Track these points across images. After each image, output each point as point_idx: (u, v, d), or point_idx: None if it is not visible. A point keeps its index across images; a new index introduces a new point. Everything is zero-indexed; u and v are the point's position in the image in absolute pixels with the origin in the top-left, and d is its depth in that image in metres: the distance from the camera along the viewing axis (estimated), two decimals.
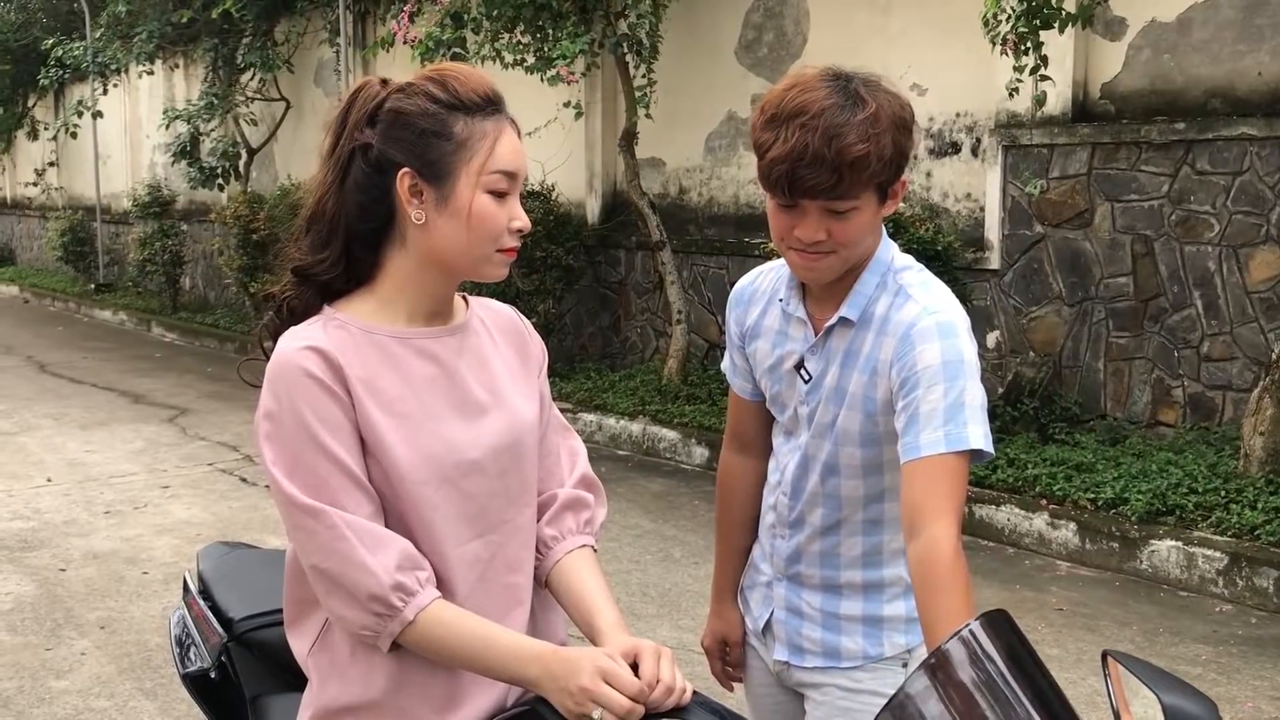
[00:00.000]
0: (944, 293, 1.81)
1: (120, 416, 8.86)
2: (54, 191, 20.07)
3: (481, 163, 1.54)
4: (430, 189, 1.54)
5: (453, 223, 1.55)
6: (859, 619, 1.91)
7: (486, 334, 1.70)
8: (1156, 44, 6.41)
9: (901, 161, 1.73)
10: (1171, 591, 5.07)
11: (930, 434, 1.66)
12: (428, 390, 1.58)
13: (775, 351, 1.93)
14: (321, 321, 1.57)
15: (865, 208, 1.73)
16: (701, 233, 8.98)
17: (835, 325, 1.83)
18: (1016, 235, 6.88)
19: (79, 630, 4.59)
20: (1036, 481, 5.78)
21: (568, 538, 1.70)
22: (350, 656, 1.56)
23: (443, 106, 1.54)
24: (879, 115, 1.68)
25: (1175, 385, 6.30)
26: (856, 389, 1.81)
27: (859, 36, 7.64)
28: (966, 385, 1.69)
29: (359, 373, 1.53)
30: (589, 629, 1.60)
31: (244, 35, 13.01)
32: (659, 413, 7.73)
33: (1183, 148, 6.17)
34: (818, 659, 1.93)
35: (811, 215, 1.72)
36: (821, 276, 1.81)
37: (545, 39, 7.95)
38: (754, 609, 2.05)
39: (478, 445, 1.59)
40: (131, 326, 14.52)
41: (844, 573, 1.91)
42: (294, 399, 1.49)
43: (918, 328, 1.74)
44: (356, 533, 1.48)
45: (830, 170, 1.66)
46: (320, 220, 1.59)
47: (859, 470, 1.85)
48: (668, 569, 5.34)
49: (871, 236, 1.80)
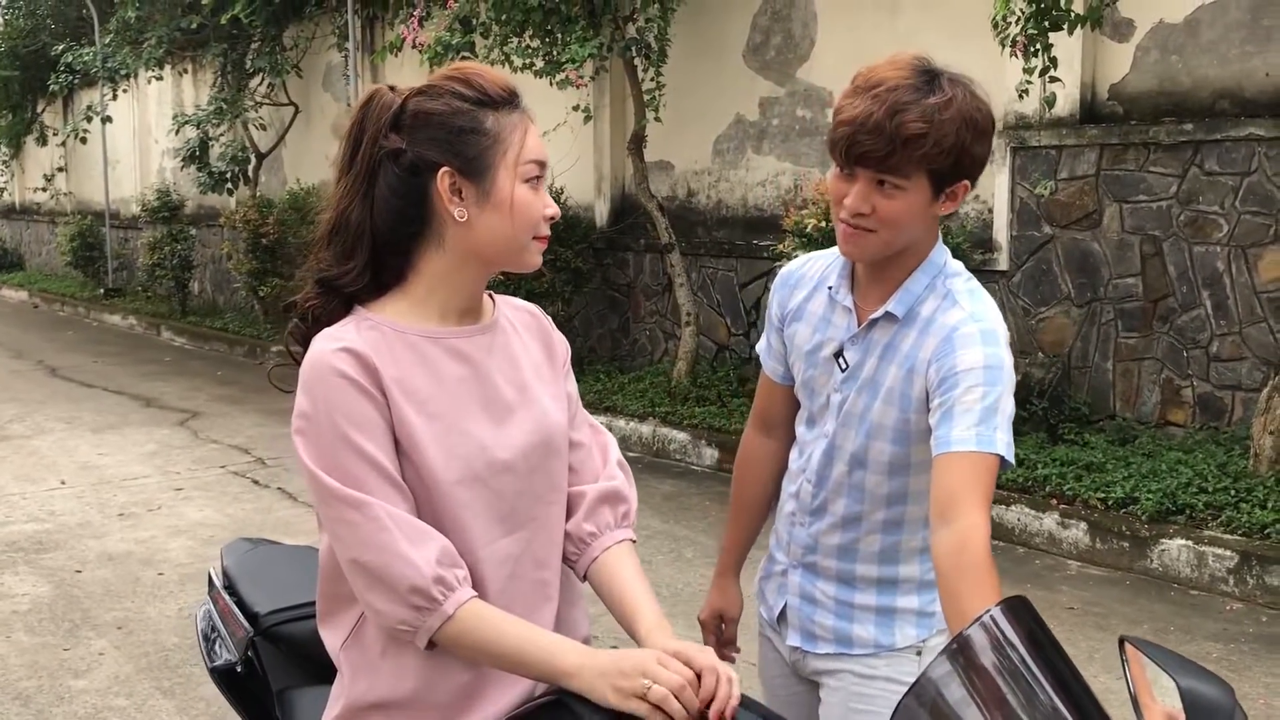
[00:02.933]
0: (990, 303, 1.85)
1: (132, 420, 8.91)
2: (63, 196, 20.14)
3: (516, 154, 1.57)
4: (470, 185, 1.56)
5: (495, 215, 1.57)
6: (872, 609, 1.94)
7: (514, 332, 1.72)
8: (1164, 45, 6.43)
9: (964, 159, 1.75)
10: (1182, 590, 5.09)
11: (963, 430, 1.69)
12: (459, 390, 1.60)
13: (815, 337, 1.95)
14: (354, 322, 1.58)
15: (914, 192, 1.75)
16: (710, 235, 9.01)
17: (880, 319, 1.86)
18: (1025, 236, 6.89)
19: (96, 630, 4.63)
20: (1047, 481, 5.80)
21: (605, 533, 1.71)
22: (382, 654, 1.57)
23: (472, 104, 1.57)
24: (949, 105, 1.72)
25: (1184, 385, 6.31)
26: (892, 383, 1.84)
27: (867, 38, 7.66)
28: (1003, 393, 1.72)
29: (392, 373, 1.54)
30: (631, 628, 1.61)
31: (253, 40, 13.07)
32: (669, 414, 7.76)
33: (1191, 148, 6.19)
34: (830, 645, 1.96)
35: (861, 185, 1.76)
36: (862, 254, 1.83)
37: (554, 43, 7.99)
38: (769, 599, 2.08)
39: (507, 446, 1.60)
40: (141, 331, 14.57)
41: (860, 566, 1.94)
42: (329, 400, 1.51)
43: (960, 332, 1.78)
44: (399, 525, 1.49)
45: (886, 140, 1.70)
46: (345, 230, 1.59)
47: (885, 467, 1.88)
48: (679, 569, 5.36)
49: (920, 229, 1.81)
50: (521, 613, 1.58)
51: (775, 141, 8.57)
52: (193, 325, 13.73)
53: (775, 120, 8.56)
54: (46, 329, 15.06)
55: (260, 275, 12.54)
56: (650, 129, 8.41)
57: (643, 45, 7.99)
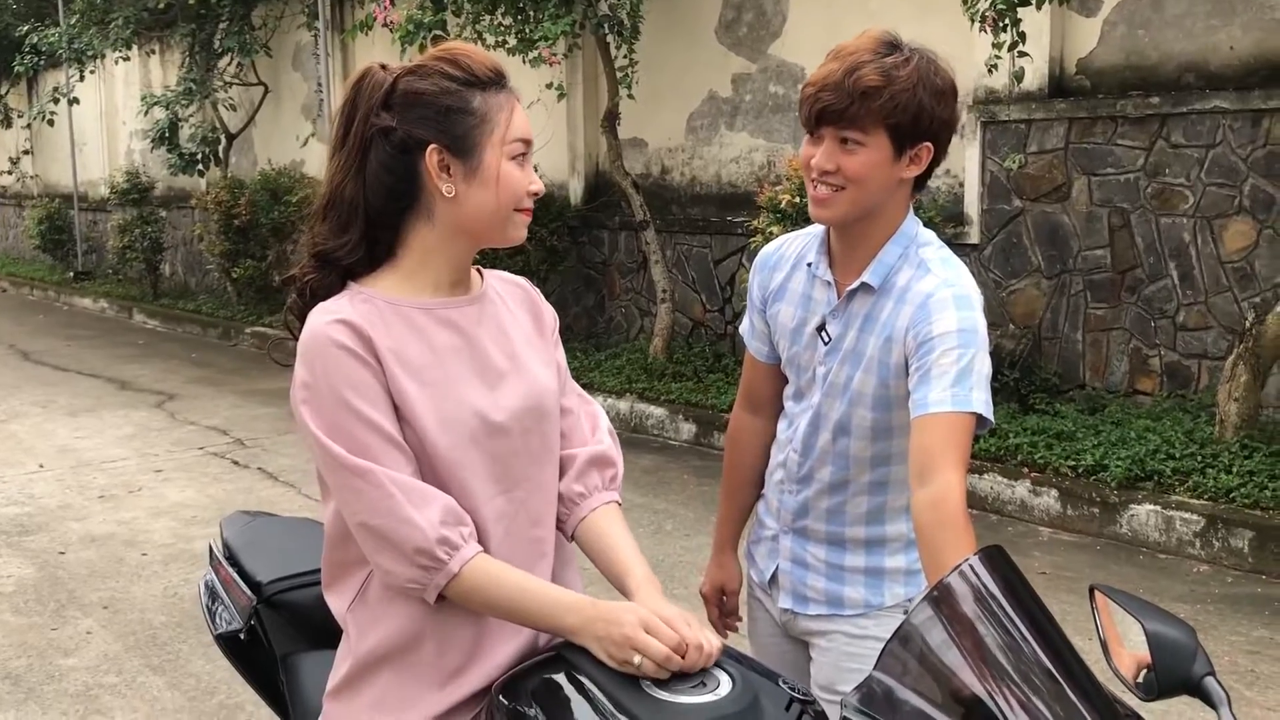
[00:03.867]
0: (962, 269, 1.92)
1: (108, 403, 8.89)
2: (29, 180, 19.92)
3: (503, 133, 1.64)
4: (458, 162, 1.63)
5: (482, 192, 1.64)
6: (861, 570, 2.01)
7: (503, 303, 1.79)
8: (1131, 19, 6.52)
9: (923, 118, 1.84)
10: (1150, 554, 5.21)
11: (939, 392, 1.76)
12: (452, 358, 1.66)
13: (798, 314, 2.03)
14: (348, 296, 1.65)
15: (875, 149, 1.83)
16: (684, 212, 9.06)
17: (858, 290, 1.94)
18: (995, 210, 6.98)
19: (83, 610, 4.66)
20: (1018, 450, 5.91)
21: (594, 494, 1.78)
22: (388, 609, 1.64)
23: (460, 84, 1.63)
24: (906, 63, 1.83)
25: (1152, 355, 6.43)
26: (873, 352, 1.91)
27: (839, 14, 7.71)
28: (977, 354, 1.80)
29: (387, 343, 1.61)
30: (621, 584, 1.69)
31: (221, 20, 12.96)
32: (646, 390, 7.83)
33: (1157, 121, 6.29)
34: (821, 607, 2.04)
35: (826, 144, 1.85)
36: (832, 215, 1.91)
37: (527, 21, 7.99)
38: (759, 562, 2.16)
39: (501, 409, 1.67)
40: (113, 314, 14.49)
41: (849, 529, 2.02)
42: (328, 369, 1.57)
43: (935, 298, 1.85)
44: (403, 489, 1.56)
45: (845, 95, 1.80)
46: (340, 205, 1.65)
47: (869, 432, 1.95)
48: (660, 541, 5.44)
49: (886, 191, 1.88)
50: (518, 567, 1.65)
51: (748, 118, 8.62)
52: (165, 308, 13.66)
53: (748, 97, 8.60)
54: (16, 313, 14.94)
55: (233, 257, 12.47)
56: (624, 106, 8.44)
57: (615, 22, 8.00)
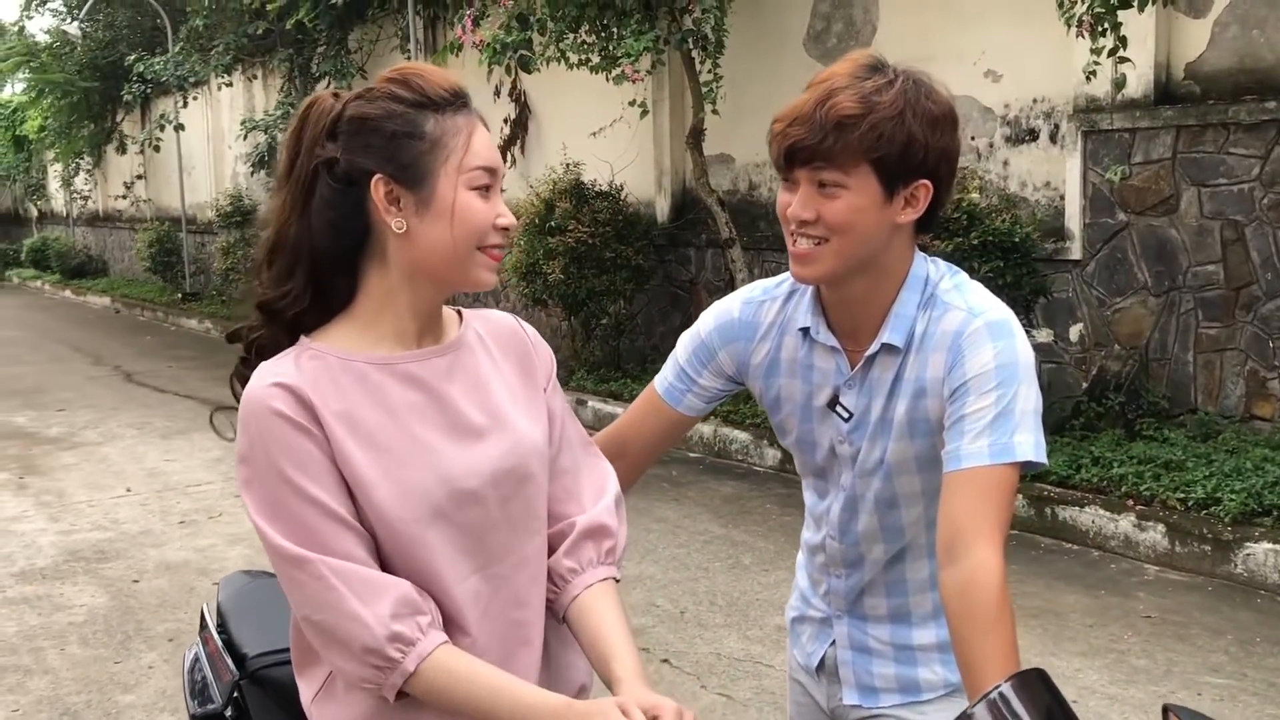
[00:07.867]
0: (984, 292, 1.66)
1: (200, 425, 8.98)
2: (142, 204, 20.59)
3: (460, 159, 1.45)
4: (408, 194, 1.44)
5: (436, 225, 1.44)
6: (933, 646, 1.76)
7: (483, 349, 1.59)
8: (1244, 19, 6.11)
9: (914, 149, 1.54)
10: (1269, 597, 4.81)
11: (973, 442, 1.52)
12: (412, 418, 1.48)
13: (804, 387, 1.75)
14: (295, 353, 1.48)
15: (858, 190, 1.55)
16: (772, 229, 8.81)
17: (878, 354, 1.66)
18: (1098, 224, 6.61)
19: (148, 643, 4.62)
20: (1123, 481, 5.54)
21: (587, 570, 1.57)
22: (354, 707, 1.48)
23: (410, 106, 1.44)
24: (889, 87, 1.53)
25: (1271, 377, 6.00)
26: (904, 415, 1.65)
27: (930, 22, 7.42)
28: (1019, 390, 1.54)
29: (335, 406, 1.43)
30: (605, 674, 1.49)
31: (318, 45, 13.18)
32: (730, 414, 7.60)
33: (1274, 128, 5.87)
34: (894, 696, 1.78)
35: (802, 190, 1.59)
36: (815, 273, 1.63)
37: (610, 38, 7.88)
38: (805, 644, 1.90)
39: (475, 473, 1.48)
40: (216, 335, 14.78)
41: (913, 597, 1.77)
42: (265, 441, 1.41)
43: (966, 334, 1.59)
44: (346, 581, 1.39)
45: (817, 129, 1.52)
46: (282, 249, 1.48)
47: (919, 497, 1.70)
48: (737, 576, 5.22)
49: (879, 239, 1.60)
50: (497, 658, 1.46)
51: None
52: None
53: None
54: (125, 334, 15.36)
55: None
56: (709, 122, 8.25)
57: (700, 37, 7.83)
